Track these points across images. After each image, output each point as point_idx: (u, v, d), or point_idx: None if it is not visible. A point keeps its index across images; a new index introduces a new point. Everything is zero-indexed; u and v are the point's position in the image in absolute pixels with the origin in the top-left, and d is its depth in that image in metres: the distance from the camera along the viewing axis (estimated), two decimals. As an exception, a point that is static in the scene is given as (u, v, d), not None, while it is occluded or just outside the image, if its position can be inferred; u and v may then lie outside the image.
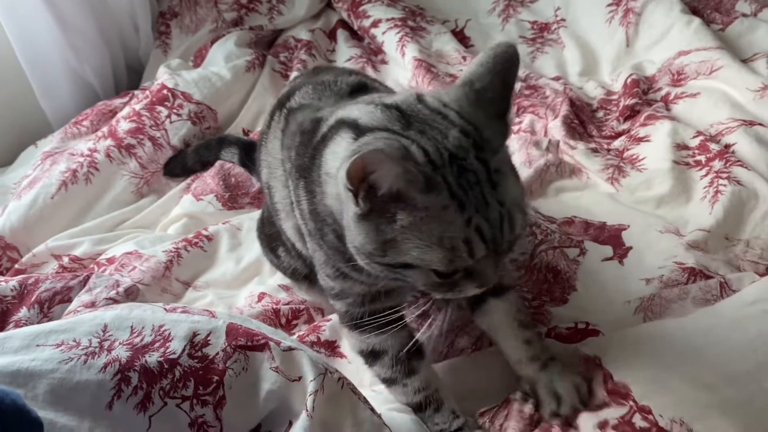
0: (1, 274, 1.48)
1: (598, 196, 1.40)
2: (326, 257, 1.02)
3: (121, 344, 0.87)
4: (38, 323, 1.12)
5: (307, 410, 0.85)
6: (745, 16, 1.67)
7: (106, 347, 0.86)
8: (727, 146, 1.37)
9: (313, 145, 0.97)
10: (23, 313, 1.19)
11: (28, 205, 1.57)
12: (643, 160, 1.42)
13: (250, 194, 1.63)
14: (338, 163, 0.87)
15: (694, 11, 1.71)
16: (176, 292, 1.41)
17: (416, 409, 1.06)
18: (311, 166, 0.96)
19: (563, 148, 1.49)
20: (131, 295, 1.31)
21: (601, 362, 1.04)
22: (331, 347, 1.21)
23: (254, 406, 0.88)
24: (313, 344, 1.20)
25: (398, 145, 0.80)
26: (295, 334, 1.24)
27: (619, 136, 1.51)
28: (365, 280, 1.00)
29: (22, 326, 1.10)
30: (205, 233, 1.49)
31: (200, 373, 0.86)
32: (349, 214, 0.85)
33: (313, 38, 2.05)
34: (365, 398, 0.96)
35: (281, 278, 1.39)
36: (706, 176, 1.33)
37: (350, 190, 0.81)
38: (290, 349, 0.90)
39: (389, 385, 1.09)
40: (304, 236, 1.12)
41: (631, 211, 1.33)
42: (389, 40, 1.91)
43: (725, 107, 1.45)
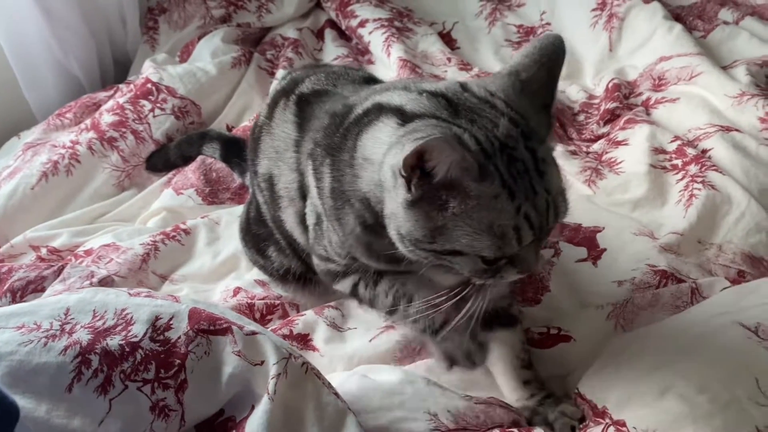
0: (-22, 263, 1.47)
1: (575, 197, 1.38)
2: (340, 241, 1.02)
3: (82, 327, 0.87)
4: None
5: (268, 393, 0.85)
6: (726, 23, 1.68)
7: (67, 330, 0.86)
8: (704, 151, 1.38)
9: (345, 126, 0.97)
10: (-5, 300, 1.19)
11: (7, 195, 1.57)
12: (621, 163, 1.43)
13: (230, 189, 1.63)
14: (381, 149, 0.87)
15: (676, 18, 1.73)
16: (153, 285, 1.40)
17: (392, 312, 1.05)
18: (342, 146, 0.96)
19: (543, 149, 1.49)
20: (106, 286, 1.30)
21: (581, 394, 1.04)
22: (303, 340, 1.21)
23: (216, 390, 0.89)
24: (285, 337, 1.19)
25: (452, 133, 0.80)
26: (268, 328, 1.24)
27: (598, 139, 1.52)
28: (381, 266, 1.01)
29: (-8, 314, 1.09)
30: (183, 227, 1.49)
31: (162, 356, 0.86)
32: (397, 200, 0.85)
33: (300, 37, 2.05)
34: (330, 384, 0.96)
35: (257, 273, 1.39)
36: (681, 180, 1.34)
37: (403, 176, 0.81)
38: (253, 333, 0.90)
39: (372, 305, 1.08)
40: (304, 224, 1.11)
41: (606, 213, 1.34)
42: (375, 40, 1.91)
43: (704, 113, 1.46)
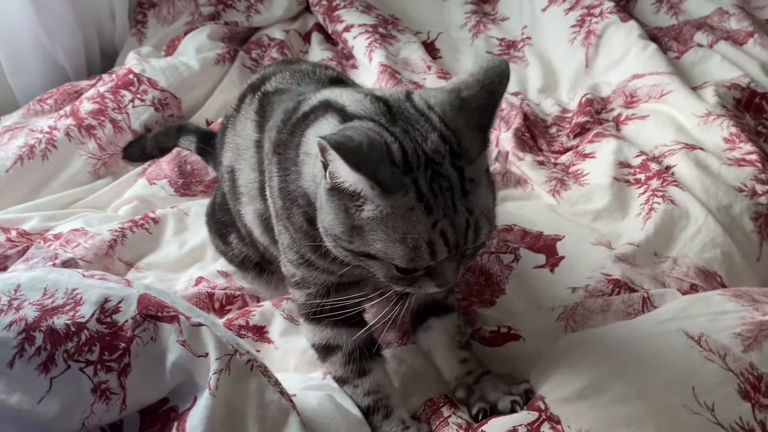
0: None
1: (539, 206, 1.42)
2: (291, 240, 1.03)
3: (30, 304, 0.87)
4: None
5: (210, 388, 0.85)
6: (700, 46, 1.72)
7: (14, 306, 0.86)
8: (668, 167, 1.41)
9: (292, 122, 0.98)
10: (-45, 276, 1.19)
11: (-20, 177, 1.58)
12: (586, 175, 1.45)
13: (204, 183, 1.65)
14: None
15: (653, 38, 1.76)
16: (119, 271, 1.41)
17: (365, 412, 1.05)
18: (288, 143, 0.97)
19: (512, 159, 1.52)
20: (69, 268, 1.31)
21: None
22: (259, 332, 1.22)
23: (160, 377, 0.89)
24: (240, 328, 1.21)
25: (380, 141, 0.81)
26: (226, 318, 1.25)
27: (567, 151, 1.55)
28: (330, 267, 1.01)
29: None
30: (152, 216, 1.50)
31: (107, 338, 0.86)
32: (321, 189, 0.87)
33: (287, 38, 2.08)
34: (278, 382, 0.95)
35: (222, 265, 1.40)
36: (643, 194, 1.36)
37: (322, 160, 0.83)
38: (199, 324, 0.90)
39: (341, 384, 1.08)
40: (265, 222, 1.12)
41: (568, 222, 1.36)
42: (359, 44, 1.94)
43: (671, 130, 1.48)
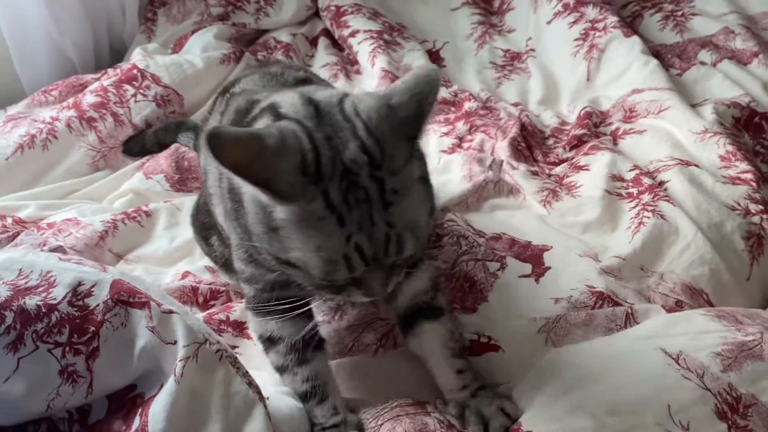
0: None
1: (529, 216, 1.42)
2: (239, 239, 1.03)
3: (4, 284, 0.88)
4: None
5: (175, 375, 0.85)
6: (703, 64, 1.70)
7: (-12, 285, 0.87)
8: (661, 183, 1.39)
9: (242, 125, 0.98)
10: (-57, 258, 1.20)
11: (-19, 163, 1.61)
12: (579, 187, 1.44)
13: (200, 179, 1.65)
14: None
15: (656, 55, 1.75)
16: (108, 262, 1.42)
17: (302, 398, 1.05)
18: None
19: (506, 168, 1.51)
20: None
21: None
22: (239, 328, 1.22)
23: (128, 363, 0.89)
24: (221, 322, 1.21)
25: (295, 145, 0.79)
26: (206, 312, 1.25)
27: (562, 163, 1.54)
28: (273, 266, 0.99)
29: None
30: (145, 209, 1.52)
31: (77, 321, 0.87)
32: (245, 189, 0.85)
33: (293, 42, 2.09)
34: (247, 373, 0.95)
35: (209, 260, 1.40)
36: (634, 208, 1.35)
37: None
38: (169, 312, 0.90)
39: (281, 373, 1.08)
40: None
41: (557, 233, 1.35)
42: (363, 50, 1.95)
43: (666, 146, 1.47)
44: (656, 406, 0.93)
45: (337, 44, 2.13)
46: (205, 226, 1.32)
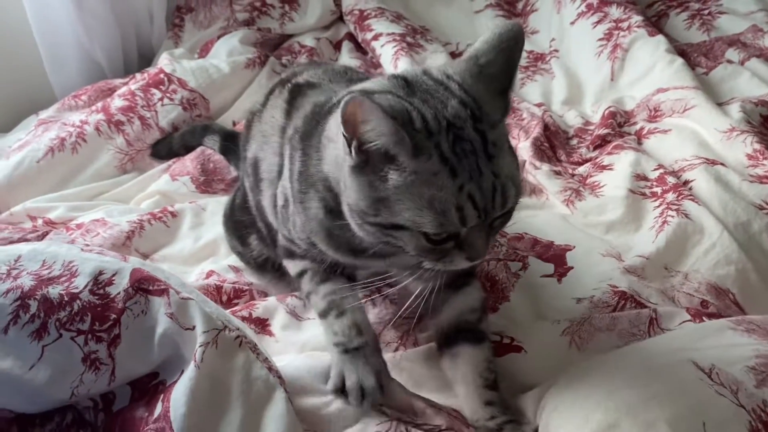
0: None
1: (552, 216, 1.41)
2: (302, 224, 1.04)
3: (28, 274, 0.90)
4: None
5: (195, 360, 0.87)
6: (730, 62, 1.68)
7: (13, 275, 0.89)
8: (686, 182, 1.38)
9: (321, 114, 1.01)
10: (-25, 256, 1.23)
11: (13, 166, 1.65)
12: (603, 187, 1.43)
13: (225, 181, 1.68)
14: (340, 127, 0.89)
15: (682, 54, 1.73)
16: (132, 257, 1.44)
17: (321, 315, 1.07)
18: (314, 132, 1.00)
19: (528, 168, 1.51)
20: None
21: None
22: (261, 324, 1.23)
23: (149, 350, 0.90)
24: (243, 319, 1.22)
25: (400, 106, 0.82)
26: (229, 310, 1.26)
27: (586, 162, 1.53)
28: (334, 255, 1.03)
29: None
30: (170, 209, 1.54)
31: (98, 309, 0.89)
32: (345, 168, 0.87)
33: (317, 46, 2.12)
34: (267, 359, 0.96)
35: (234, 260, 1.42)
36: (658, 207, 1.33)
37: (345, 136, 0.83)
38: (187, 298, 0.92)
39: (309, 297, 1.11)
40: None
41: (580, 233, 1.34)
42: (386, 52, 1.96)
43: (692, 145, 1.45)
44: (691, 422, 0.89)
45: (360, 48, 2.14)
46: (242, 224, 1.33)
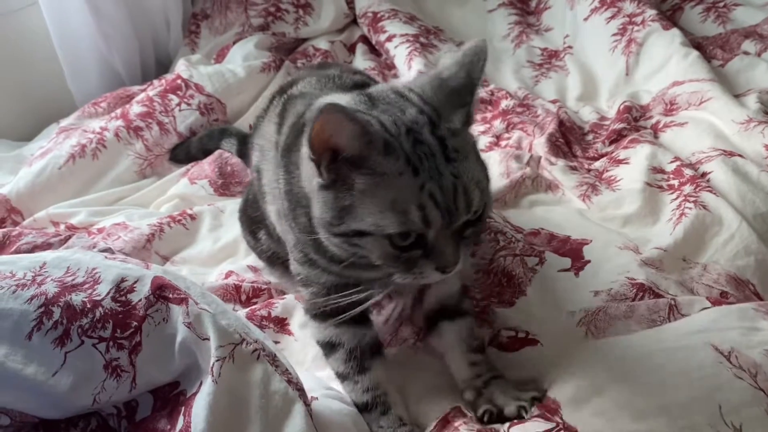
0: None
1: (568, 211, 1.40)
2: (296, 240, 1.06)
3: (52, 280, 0.91)
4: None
5: (212, 375, 0.86)
6: (747, 54, 1.67)
7: (38, 281, 0.90)
8: (703, 174, 1.37)
9: (297, 126, 1.02)
10: (1, 260, 1.26)
11: (36, 173, 1.68)
12: (619, 181, 1.43)
13: (242, 183, 1.69)
14: None
15: (698, 47, 1.72)
16: (155, 264, 1.46)
17: (363, 408, 1.05)
18: (292, 146, 1.01)
19: (543, 164, 1.51)
20: (101, 255, 1.37)
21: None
22: (280, 323, 1.24)
23: (169, 358, 0.91)
24: (262, 318, 1.23)
25: (361, 116, 0.84)
26: (248, 308, 1.28)
27: (602, 157, 1.53)
28: (329, 266, 1.03)
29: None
30: (189, 212, 1.56)
31: (120, 316, 0.89)
32: (312, 185, 0.89)
33: (331, 49, 2.13)
34: (286, 370, 0.95)
35: (252, 260, 1.44)
36: (675, 200, 1.32)
37: (312, 159, 0.85)
38: (204, 310, 0.92)
39: (342, 380, 1.09)
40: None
41: (596, 227, 1.33)
42: (400, 53, 1.97)
43: (709, 137, 1.45)
44: (707, 406, 0.90)
45: (374, 50, 2.15)
46: (253, 220, 1.35)
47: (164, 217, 1.54)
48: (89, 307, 0.89)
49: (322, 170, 0.86)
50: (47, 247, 1.34)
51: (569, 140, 1.59)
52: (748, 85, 1.60)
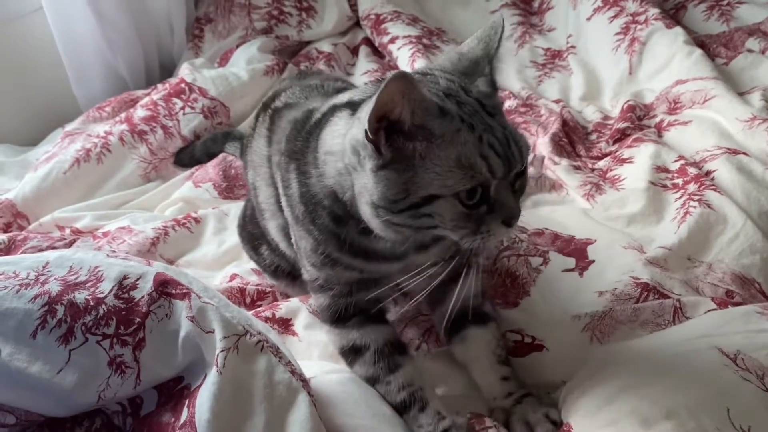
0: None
1: (572, 211, 1.40)
2: (315, 243, 1.04)
3: (55, 279, 0.91)
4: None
5: (217, 366, 0.87)
6: (750, 52, 1.66)
7: (41, 281, 0.91)
8: (708, 172, 1.36)
9: (306, 130, 1.02)
10: (5, 264, 1.26)
11: (41, 177, 1.68)
12: (623, 180, 1.42)
13: (246, 186, 1.69)
14: (340, 138, 0.93)
15: (701, 46, 1.71)
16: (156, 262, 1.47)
17: (400, 408, 1.03)
18: (305, 149, 1.01)
19: (547, 163, 1.51)
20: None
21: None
22: (285, 324, 1.24)
23: (173, 354, 0.91)
24: (267, 320, 1.23)
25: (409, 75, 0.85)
26: (253, 311, 1.28)
27: (605, 156, 1.52)
28: (352, 263, 1.03)
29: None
30: (194, 215, 1.57)
31: (123, 313, 0.90)
32: (366, 172, 0.89)
33: (334, 51, 2.13)
34: (290, 362, 0.96)
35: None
36: (679, 198, 1.32)
37: (371, 140, 0.85)
38: (207, 303, 0.93)
39: (373, 383, 1.06)
40: (287, 236, 1.15)
41: (601, 227, 1.33)
42: (402, 55, 1.97)
43: (713, 136, 1.44)
44: (714, 409, 0.89)
45: (377, 52, 2.16)
46: (254, 236, 1.34)
47: (169, 220, 1.55)
48: (92, 304, 0.90)
49: (382, 149, 0.86)
50: (52, 250, 1.35)
51: (573, 140, 1.59)
52: (752, 82, 1.60)
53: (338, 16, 2.22)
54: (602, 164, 1.50)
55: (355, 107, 0.93)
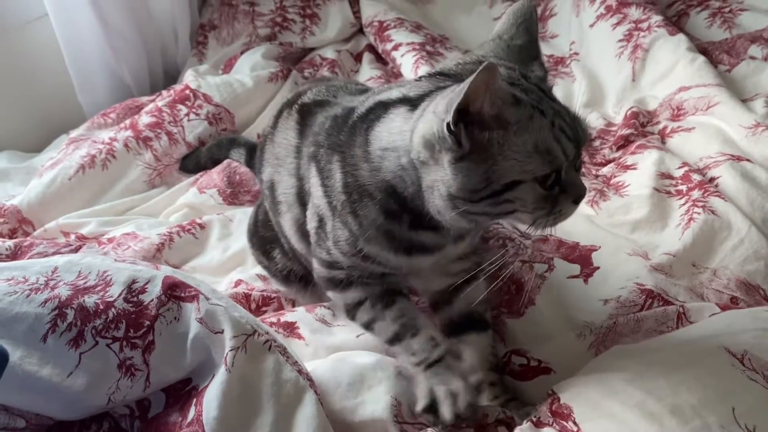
0: (10, 241, 1.58)
1: (576, 217, 1.37)
2: (350, 235, 1.03)
3: (65, 284, 0.93)
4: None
5: (226, 364, 0.88)
6: (753, 59, 1.67)
7: (51, 285, 0.92)
8: (711, 179, 1.37)
9: (349, 125, 1.03)
10: (11, 271, 1.27)
11: (46, 184, 1.69)
12: (627, 186, 1.43)
13: (251, 192, 1.70)
14: (400, 136, 0.94)
15: (704, 53, 1.72)
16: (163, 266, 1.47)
17: (395, 340, 1.05)
18: (350, 143, 1.02)
19: (551, 170, 1.51)
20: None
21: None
22: (290, 328, 1.24)
23: (182, 356, 0.93)
24: (272, 325, 1.23)
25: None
26: (258, 317, 1.28)
27: (609, 163, 1.53)
28: (395, 260, 1.04)
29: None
30: (198, 221, 1.57)
31: (133, 316, 0.91)
32: (443, 165, 0.90)
33: (338, 58, 2.14)
34: (297, 362, 0.98)
35: (261, 269, 1.44)
36: (684, 205, 1.32)
37: (452, 132, 0.86)
38: (216, 304, 0.94)
39: (372, 325, 1.09)
40: (301, 230, 1.16)
41: (605, 233, 1.33)
42: (406, 62, 1.98)
43: (716, 142, 1.45)
44: (719, 408, 0.89)
45: (381, 59, 2.16)
46: (266, 239, 1.34)
47: (174, 226, 1.55)
48: (102, 308, 0.91)
49: (462, 140, 0.87)
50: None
51: (576, 146, 1.59)
52: (755, 89, 1.60)
53: (342, 23, 2.23)
54: (606, 171, 1.50)
55: (412, 103, 0.94)
